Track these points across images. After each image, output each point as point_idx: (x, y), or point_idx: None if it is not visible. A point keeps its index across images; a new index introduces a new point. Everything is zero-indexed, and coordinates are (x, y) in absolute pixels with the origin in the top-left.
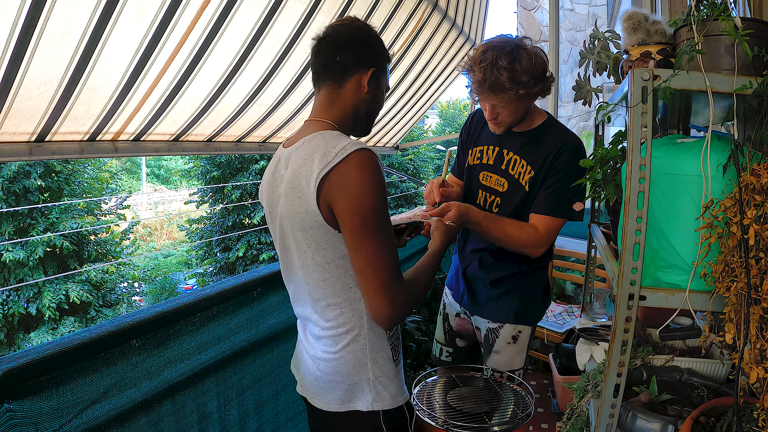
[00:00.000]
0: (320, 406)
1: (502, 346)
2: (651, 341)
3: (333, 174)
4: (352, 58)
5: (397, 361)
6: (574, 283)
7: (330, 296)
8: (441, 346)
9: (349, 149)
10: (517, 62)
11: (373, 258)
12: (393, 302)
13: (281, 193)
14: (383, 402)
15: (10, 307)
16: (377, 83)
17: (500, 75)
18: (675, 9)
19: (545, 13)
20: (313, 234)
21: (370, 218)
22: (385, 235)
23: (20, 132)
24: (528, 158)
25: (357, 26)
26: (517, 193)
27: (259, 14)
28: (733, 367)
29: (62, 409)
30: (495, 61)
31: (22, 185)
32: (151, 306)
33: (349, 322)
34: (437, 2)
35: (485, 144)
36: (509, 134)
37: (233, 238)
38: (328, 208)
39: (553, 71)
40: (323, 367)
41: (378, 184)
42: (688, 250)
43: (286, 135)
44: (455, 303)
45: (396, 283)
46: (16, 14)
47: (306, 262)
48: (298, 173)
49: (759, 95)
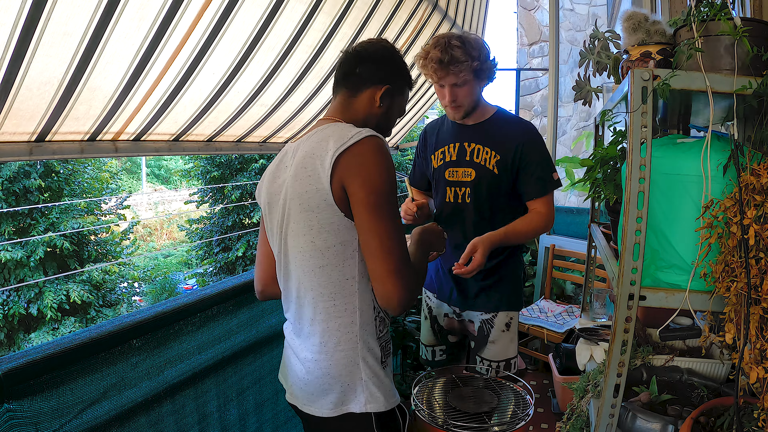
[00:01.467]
0: (313, 413)
1: (497, 335)
2: (651, 341)
3: (348, 153)
4: (369, 72)
5: (386, 364)
6: (574, 283)
7: (324, 285)
8: (432, 347)
9: (365, 134)
10: (465, 41)
11: (387, 239)
12: (405, 285)
13: (288, 177)
14: (377, 403)
15: (10, 308)
16: (391, 101)
17: (454, 51)
18: (675, 9)
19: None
20: (318, 215)
21: (384, 199)
22: (397, 219)
23: (20, 132)
24: (491, 145)
25: (383, 45)
26: (485, 178)
27: (260, 14)
28: (733, 367)
29: (62, 409)
30: (448, 42)
31: (22, 185)
32: (151, 306)
33: (342, 317)
34: (437, 2)
35: (445, 144)
36: (465, 128)
37: (233, 238)
38: (341, 187)
39: (553, 71)
40: (313, 369)
41: (391, 169)
42: (688, 250)
43: (287, 135)
44: (442, 303)
45: (406, 266)
46: (16, 15)
47: (304, 247)
48: (312, 154)
49: (759, 95)
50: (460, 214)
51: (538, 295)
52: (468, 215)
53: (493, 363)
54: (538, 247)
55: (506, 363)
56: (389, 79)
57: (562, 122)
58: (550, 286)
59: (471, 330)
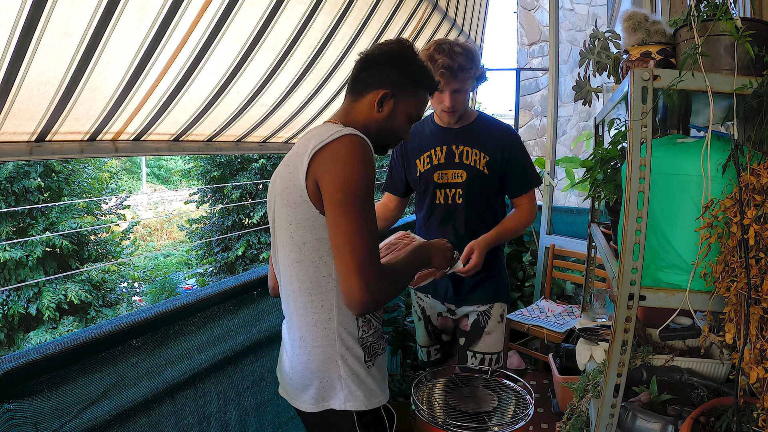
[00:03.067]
0: (298, 407)
1: (493, 326)
2: (651, 341)
3: (324, 150)
4: (372, 77)
5: (371, 364)
6: (574, 283)
7: (302, 280)
8: (428, 348)
9: (344, 132)
10: (465, 48)
11: (352, 236)
12: (367, 285)
13: (278, 174)
14: (357, 402)
15: (10, 307)
16: (393, 107)
17: (459, 58)
18: (675, 9)
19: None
20: (296, 210)
21: (353, 195)
22: (366, 217)
23: (20, 132)
24: (479, 146)
25: (391, 48)
26: (476, 178)
27: (260, 15)
28: (733, 367)
29: (62, 409)
30: (451, 48)
31: (22, 185)
32: (151, 306)
33: (318, 313)
34: (437, 2)
35: (431, 148)
36: (451, 131)
37: (233, 237)
38: (315, 183)
39: (553, 71)
40: (295, 363)
41: (365, 165)
42: (688, 250)
43: (287, 135)
44: (436, 303)
45: (372, 266)
46: (16, 15)
47: (285, 242)
48: (296, 152)
49: (759, 95)
50: (451, 215)
51: (538, 295)
52: (459, 215)
53: (486, 356)
54: (538, 247)
55: (497, 356)
56: (391, 84)
57: (562, 122)
58: (550, 286)
59: (463, 326)
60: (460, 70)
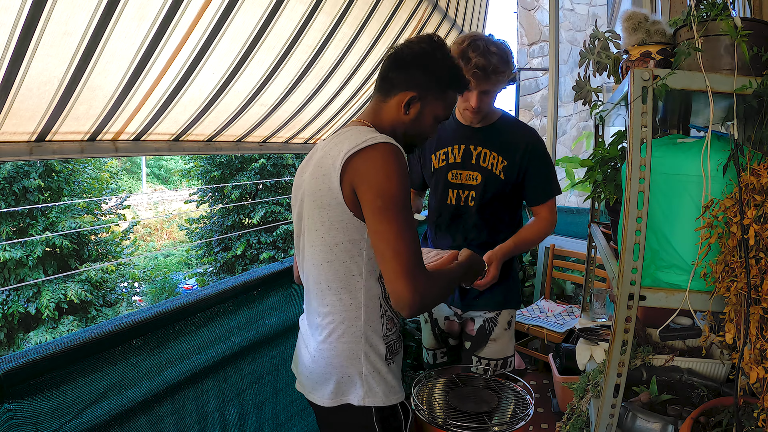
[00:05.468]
0: (315, 401)
1: (500, 333)
2: (651, 341)
3: (359, 156)
4: (400, 78)
5: (392, 361)
6: (574, 283)
7: (331, 279)
8: (433, 351)
9: (379, 139)
10: (500, 47)
11: (394, 241)
12: (415, 288)
13: (307, 174)
14: (375, 398)
15: (9, 307)
16: (420, 109)
17: (493, 59)
18: (675, 9)
19: (545, 13)
20: (329, 212)
21: (391, 202)
22: (406, 222)
23: (20, 132)
24: (498, 150)
25: (421, 48)
26: (492, 183)
27: (260, 14)
28: (733, 367)
29: (62, 409)
30: (487, 47)
31: (22, 185)
32: (151, 306)
33: (346, 311)
34: (437, 2)
35: (448, 145)
36: (471, 130)
37: (233, 237)
38: (351, 189)
39: (553, 71)
40: (317, 358)
41: (401, 172)
42: (688, 250)
43: (287, 135)
44: (443, 306)
45: (417, 268)
46: (16, 15)
47: (315, 242)
48: (328, 154)
49: (759, 95)
50: (460, 217)
51: (538, 295)
52: (469, 218)
53: (491, 361)
54: (538, 247)
55: (503, 361)
56: (419, 86)
57: (562, 122)
58: (550, 286)
59: (469, 330)
60: (494, 73)
